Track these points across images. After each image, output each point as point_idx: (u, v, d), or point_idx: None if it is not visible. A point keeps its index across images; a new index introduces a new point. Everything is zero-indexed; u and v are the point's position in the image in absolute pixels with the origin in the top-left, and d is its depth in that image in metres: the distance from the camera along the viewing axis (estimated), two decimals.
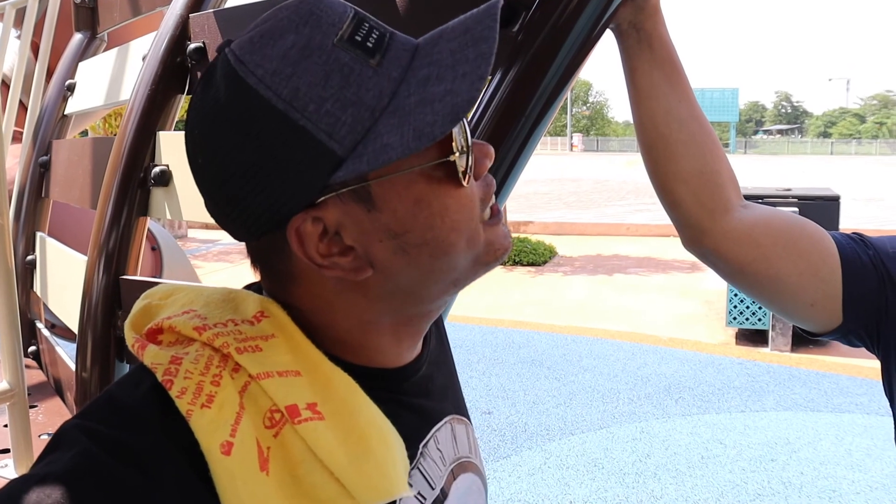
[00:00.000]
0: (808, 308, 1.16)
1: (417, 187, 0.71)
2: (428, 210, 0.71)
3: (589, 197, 23.18)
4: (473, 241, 0.75)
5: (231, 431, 0.64)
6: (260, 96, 0.67)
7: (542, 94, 1.12)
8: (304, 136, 0.67)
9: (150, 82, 1.77)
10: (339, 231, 0.71)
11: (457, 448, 0.90)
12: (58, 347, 2.66)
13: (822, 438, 5.19)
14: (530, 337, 7.79)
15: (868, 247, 1.16)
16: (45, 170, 2.79)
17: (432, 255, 0.73)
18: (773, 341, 7.22)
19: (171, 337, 0.73)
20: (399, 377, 0.82)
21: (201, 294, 0.78)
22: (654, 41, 1.15)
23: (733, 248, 1.16)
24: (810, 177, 31.04)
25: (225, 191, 0.72)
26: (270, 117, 0.67)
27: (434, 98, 0.66)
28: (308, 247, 0.71)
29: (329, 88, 0.67)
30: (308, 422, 0.67)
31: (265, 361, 0.69)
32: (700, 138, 1.16)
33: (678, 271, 11.19)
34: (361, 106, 0.67)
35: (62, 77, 2.83)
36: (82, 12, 2.77)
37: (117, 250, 1.77)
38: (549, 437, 5.28)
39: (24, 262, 2.79)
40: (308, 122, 0.66)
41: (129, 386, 0.70)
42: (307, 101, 0.66)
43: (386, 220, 0.71)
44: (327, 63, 0.67)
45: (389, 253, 0.72)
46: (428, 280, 0.75)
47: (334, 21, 0.69)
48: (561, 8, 1.09)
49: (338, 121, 0.67)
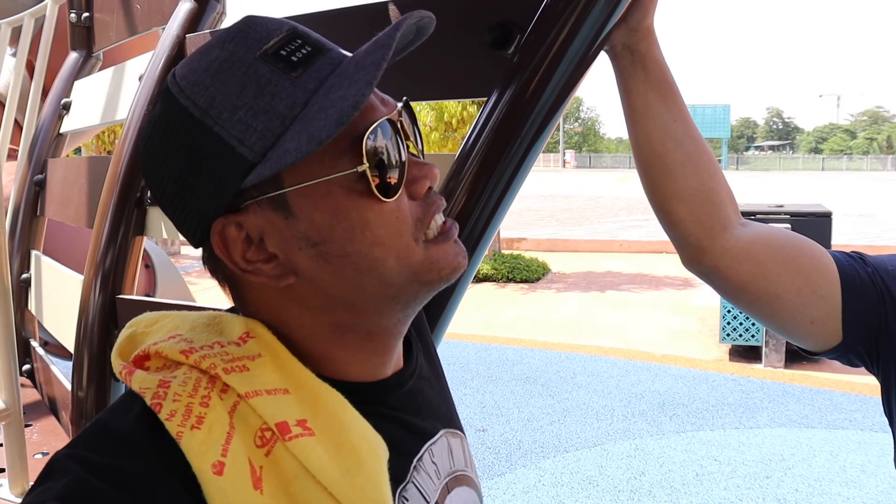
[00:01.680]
0: (807, 326, 1.16)
1: (335, 199, 0.72)
2: (347, 222, 0.72)
3: (582, 213, 23.23)
4: (406, 258, 0.75)
5: (222, 451, 0.65)
6: (181, 105, 0.71)
7: (537, 114, 1.13)
8: (219, 142, 0.70)
9: (146, 102, 1.78)
10: (263, 238, 0.73)
11: (452, 461, 0.90)
12: (52, 366, 2.66)
13: (817, 455, 5.19)
14: (524, 354, 7.79)
15: (867, 265, 1.16)
16: (41, 188, 2.80)
17: (357, 269, 0.74)
18: (767, 357, 7.23)
19: (158, 362, 0.73)
20: (380, 391, 0.82)
21: (186, 319, 0.79)
22: (648, 62, 1.16)
23: (733, 266, 1.17)
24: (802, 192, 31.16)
25: (165, 199, 0.76)
26: (189, 125, 0.71)
27: (329, 105, 0.68)
28: (233, 252, 0.73)
29: (243, 98, 0.70)
30: (299, 438, 0.68)
31: (253, 381, 0.70)
32: (697, 157, 1.17)
33: (671, 287, 11.20)
34: (273, 114, 0.70)
35: (58, 95, 2.84)
36: (78, 31, 2.78)
37: (114, 269, 1.78)
38: (544, 454, 5.27)
39: (19, 281, 2.78)
40: (221, 129, 0.70)
41: (119, 412, 0.70)
42: (221, 109, 0.70)
43: (304, 228, 0.72)
44: (245, 75, 0.70)
45: (311, 261, 0.73)
46: (360, 292, 0.75)
47: (261, 37, 0.73)
48: (556, 30, 1.11)
49: (249, 128, 0.69)
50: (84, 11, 2.69)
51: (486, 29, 1.18)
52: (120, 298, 1.78)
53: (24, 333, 2.88)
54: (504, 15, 1.18)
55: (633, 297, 10.75)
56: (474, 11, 1.23)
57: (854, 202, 27.27)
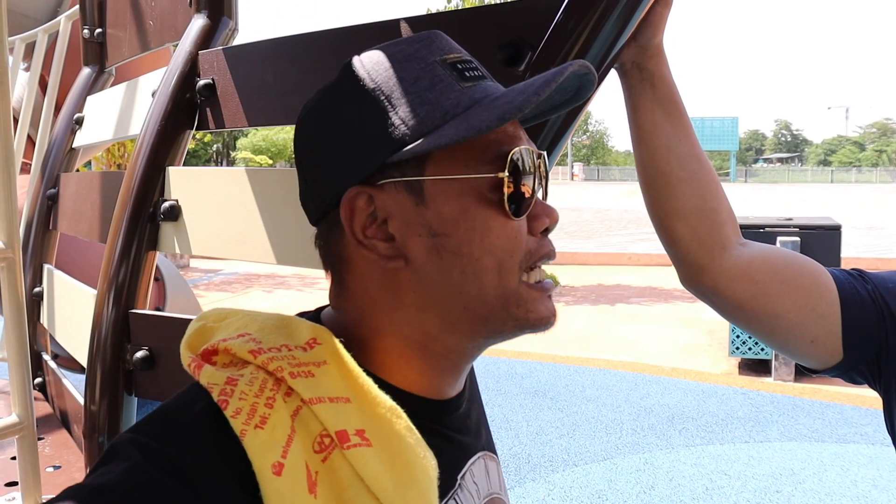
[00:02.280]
0: (808, 344, 1.16)
1: (467, 199, 0.77)
2: (471, 223, 0.77)
3: (590, 226, 23.21)
4: (505, 279, 0.78)
5: (282, 453, 0.66)
6: (357, 77, 0.79)
7: (548, 132, 1.14)
8: (381, 116, 0.76)
9: (159, 118, 1.80)
10: (387, 220, 0.78)
11: (489, 483, 0.92)
12: (64, 380, 2.67)
13: (828, 469, 5.17)
14: (533, 367, 7.77)
15: (867, 282, 1.16)
16: (53, 202, 2.82)
17: (463, 272, 0.77)
18: (776, 371, 7.20)
19: (225, 358, 0.76)
20: (442, 410, 0.85)
21: (255, 319, 0.81)
22: (656, 80, 1.17)
23: (731, 286, 1.17)
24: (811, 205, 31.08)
25: (311, 158, 0.82)
26: (362, 94, 0.78)
27: (493, 107, 0.75)
28: (355, 221, 0.78)
29: (416, 87, 0.77)
30: (357, 447, 0.69)
31: (317, 387, 0.71)
32: (700, 176, 1.18)
33: (680, 301, 11.18)
34: (437, 107, 0.76)
35: (70, 111, 2.86)
36: (91, 47, 2.80)
37: (126, 284, 1.79)
38: (553, 468, 5.26)
39: (32, 294, 2.80)
40: (388, 106, 0.76)
41: (184, 403, 0.72)
42: (393, 89, 0.77)
43: (430, 217, 0.77)
44: (422, 69, 0.78)
45: (425, 251, 0.77)
46: (458, 299, 0.78)
47: (444, 49, 0.81)
48: (567, 48, 1.12)
49: (413, 112, 0.75)
50: (97, 27, 2.71)
51: (497, 47, 1.19)
52: (133, 313, 1.80)
53: (37, 347, 2.89)
54: (515, 33, 1.19)
55: (643, 311, 10.73)
56: (487, 30, 1.24)
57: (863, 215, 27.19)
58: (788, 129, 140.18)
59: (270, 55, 1.62)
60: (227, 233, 1.67)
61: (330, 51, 1.50)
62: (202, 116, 1.78)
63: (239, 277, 14.62)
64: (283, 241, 1.55)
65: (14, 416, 1.66)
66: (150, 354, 1.75)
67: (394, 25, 1.34)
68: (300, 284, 13.59)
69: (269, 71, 1.60)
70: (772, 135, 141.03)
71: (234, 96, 1.68)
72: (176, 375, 1.72)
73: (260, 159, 48.82)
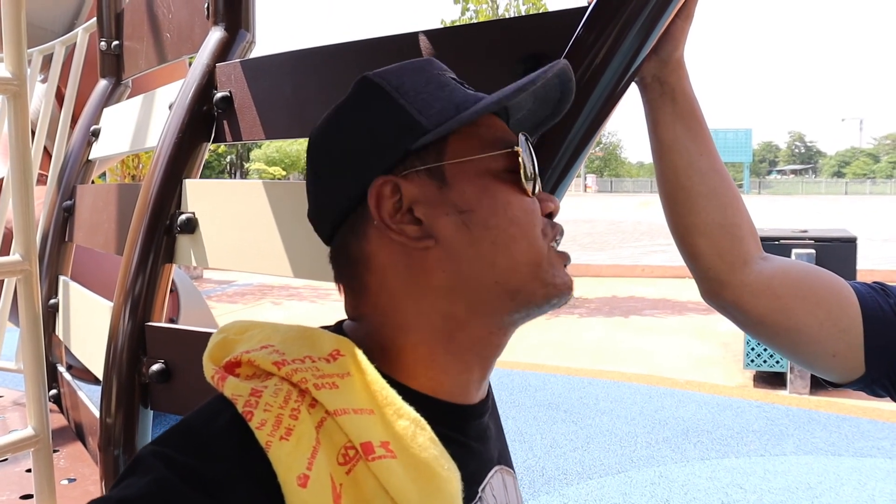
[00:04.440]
0: (829, 359, 1.15)
1: (486, 178, 0.82)
2: (493, 199, 0.81)
3: (603, 238, 23.16)
4: (534, 246, 0.83)
5: (308, 465, 0.67)
6: (372, 82, 0.85)
7: (567, 146, 1.13)
8: (401, 113, 0.82)
9: (176, 130, 1.80)
10: (412, 207, 0.81)
11: (507, 497, 0.91)
12: (80, 392, 2.67)
13: (845, 483, 5.12)
14: (547, 380, 7.75)
15: (889, 295, 1.15)
16: (70, 214, 2.82)
17: (494, 242, 0.81)
18: (792, 384, 7.15)
19: (248, 370, 0.76)
20: (465, 416, 0.85)
21: (277, 330, 0.81)
22: (677, 94, 1.16)
23: (752, 300, 1.16)
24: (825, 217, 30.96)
25: (330, 163, 0.86)
26: (379, 96, 0.83)
27: (500, 92, 0.82)
28: (383, 208, 0.81)
29: (427, 87, 0.84)
30: (382, 459, 0.69)
31: (341, 399, 0.72)
32: (721, 191, 1.17)
33: (694, 313, 11.14)
34: (449, 102, 0.82)
35: (87, 122, 2.87)
36: (108, 59, 2.81)
37: (143, 297, 1.79)
38: (567, 481, 5.23)
39: (47, 306, 2.81)
40: (406, 102, 0.82)
41: (209, 415, 0.72)
42: (408, 89, 0.83)
43: (455, 197, 0.81)
44: (430, 76, 0.86)
45: (454, 227, 0.81)
46: (489, 273, 0.81)
47: (444, 69, 0.89)
48: (587, 63, 1.11)
49: (428, 105, 0.82)
50: (114, 40, 2.73)
51: (517, 61, 1.19)
52: (149, 326, 1.79)
53: (52, 358, 2.90)
54: (535, 48, 1.19)
55: (657, 323, 10.69)
56: (506, 44, 1.24)
57: (878, 227, 27.04)
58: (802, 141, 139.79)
59: (288, 68, 1.62)
60: (244, 246, 1.66)
61: (347, 64, 1.50)
62: (219, 129, 1.78)
63: (252, 289, 14.65)
64: (299, 254, 1.54)
65: (30, 429, 1.66)
66: (166, 367, 1.75)
67: (412, 38, 1.34)
68: (313, 296, 13.61)
69: (287, 84, 1.60)
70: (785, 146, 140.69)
71: (251, 109, 1.68)
72: (192, 389, 1.71)
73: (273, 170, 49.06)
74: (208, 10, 1.91)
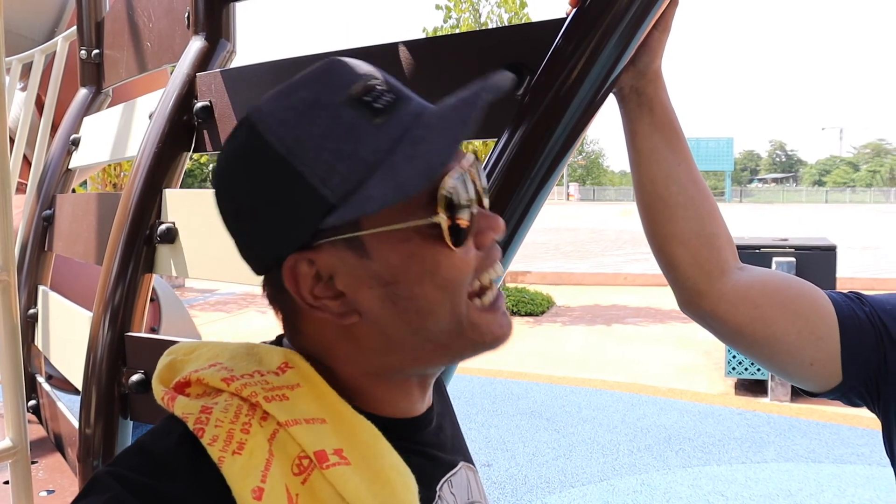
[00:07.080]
0: (807, 367, 1.16)
1: (412, 244, 0.74)
2: (420, 265, 0.74)
3: (586, 247, 23.21)
4: (456, 308, 0.76)
5: (262, 477, 0.67)
6: (266, 142, 0.72)
7: (546, 156, 1.14)
8: (300, 181, 0.71)
9: (157, 140, 1.79)
10: (333, 276, 0.75)
11: (470, 493, 0.92)
12: (59, 402, 2.65)
13: (825, 490, 5.15)
14: (529, 388, 7.75)
15: (864, 304, 1.16)
16: (49, 223, 2.81)
17: (419, 311, 0.75)
18: (773, 391, 7.19)
19: (198, 389, 0.76)
20: (413, 427, 0.85)
21: (226, 348, 0.81)
22: (654, 105, 1.17)
23: (730, 310, 1.17)
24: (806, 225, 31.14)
25: (237, 227, 0.78)
26: (273, 161, 0.72)
27: (416, 156, 0.70)
28: (301, 287, 0.75)
29: (328, 141, 0.71)
30: (336, 466, 0.70)
31: (293, 410, 0.72)
32: (698, 201, 1.18)
33: (676, 321, 11.17)
34: (357, 160, 0.71)
35: (67, 131, 2.86)
36: (88, 68, 2.81)
37: (123, 307, 1.78)
38: (549, 489, 5.23)
39: (26, 316, 2.79)
40: (305, 169, 0.71)
41: (161, 435, 0.73)
42: (306, 149, 0.71)
43: (378, 268, 0.74)
44: (330, 118, 0.72)
45: (378, 301, 0.75)
46: (418, 337, 0.77)
47: (346, 82, 0.74)
48: (566, 73, 1.12)
49: (332, 170, 0.71)
50: (94, 48, 2.72)
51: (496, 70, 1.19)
52: (129, 336, 1.78)
53: (31, 369, 2.88)
54: (515, 56, 1.19)
55: (639, 331, 10.72)
56: (486, 53, 1.25)
57: (858, 235, 27.24)
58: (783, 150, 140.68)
59: (269, 78, 1.62)
60: (225, 256, 1.66)
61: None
62: (199, 138, 1.78)
63: (236, 297, 14.58)
64: None
65: (7, 440, 1.64)
66: (145, 378, 1.74)
67: (392, 49, 1.34)
68: None
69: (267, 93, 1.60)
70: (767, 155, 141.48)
71: (231, 118, 1.68)
72: None
73: None
74: (189, 20, 1.91)
